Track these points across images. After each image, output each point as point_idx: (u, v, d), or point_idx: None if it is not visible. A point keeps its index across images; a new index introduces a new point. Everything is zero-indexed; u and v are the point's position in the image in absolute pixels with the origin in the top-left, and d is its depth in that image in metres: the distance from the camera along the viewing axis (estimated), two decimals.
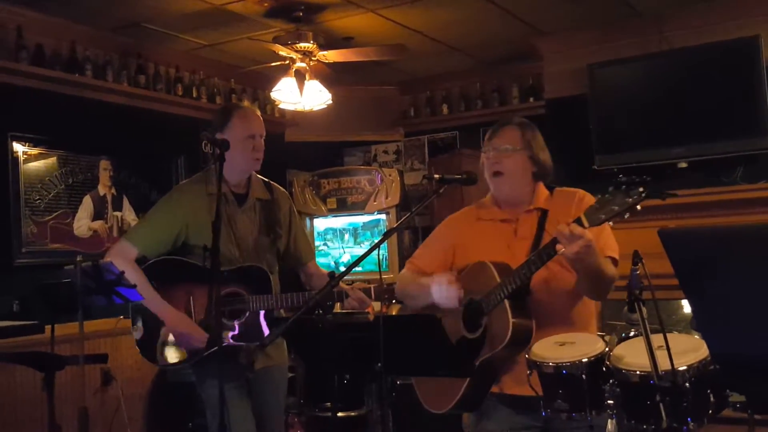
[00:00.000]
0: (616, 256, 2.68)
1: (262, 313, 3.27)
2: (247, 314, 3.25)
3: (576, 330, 2.68)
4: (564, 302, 2.71)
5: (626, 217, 2.28)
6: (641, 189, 2.23)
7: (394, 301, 3.17)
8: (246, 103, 3.47)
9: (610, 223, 2.35)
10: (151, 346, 3.34)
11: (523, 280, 2.55)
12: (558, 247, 2.38)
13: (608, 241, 2.67)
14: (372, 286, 3.22)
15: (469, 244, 2.87)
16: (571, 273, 2.61)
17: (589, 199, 2.76)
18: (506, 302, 2.57)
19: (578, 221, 2.35)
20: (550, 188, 2.88)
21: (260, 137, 3.33)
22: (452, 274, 2.77)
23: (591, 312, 2.81)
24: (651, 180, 2.25)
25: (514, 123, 2.85)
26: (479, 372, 2.64)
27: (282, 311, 3.43)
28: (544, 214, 2.77)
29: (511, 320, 2.54)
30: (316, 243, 7.01)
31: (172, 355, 3.32)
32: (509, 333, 2.53)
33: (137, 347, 3.36)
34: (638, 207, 2.25)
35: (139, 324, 3.36)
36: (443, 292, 2.71)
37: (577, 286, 2.65)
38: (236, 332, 3.23)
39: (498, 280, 2.60)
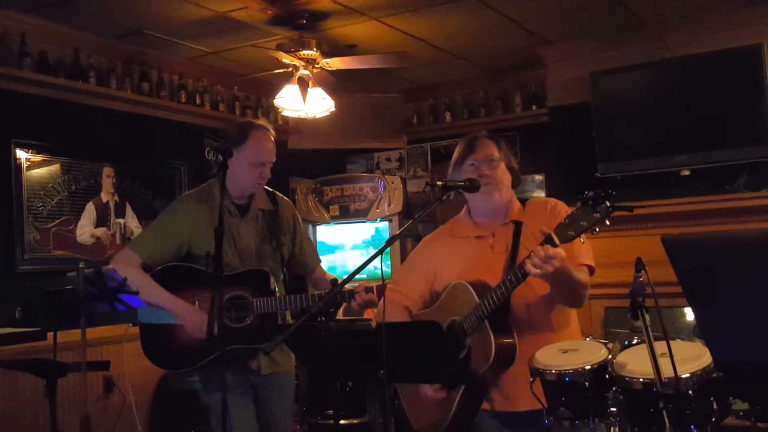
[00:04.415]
0: (591, 263, 2.69)
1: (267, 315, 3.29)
2: (252, 317, 3.26)
3: (558, 335, 2.69)
4: (543, 310, 2.70)
5: (597, 231, 2.29)
6: (607, 204, 2.23)
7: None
8: (263, 120, 3.48)
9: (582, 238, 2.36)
10: (159, 350, 3.34)
11: (501, 299, 2.54)
12: (528, 268, 2.38)
13: (582, 249, 2.67)
14: (375, 285, 3.21)
15: (447, 264, 2.86)
16: (546, 283, 2.62)
17: (561, 207, 2.78)
18: (488, 326, 2.56)
19: (549, 240, 2.36)
20: (523, 201, 2.89)
21: (269, 164, 3.37)
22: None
23: (570, 315, 2.81)
24: (616, 193, 2.26)
25: (485, 136, 2.86)
26: (468, 392, 2.64)
27: (289, 317, 3.45)
28: (518, 226, 2.77)
29: (493, 341, 2.54)
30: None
31: (178, 360, 3.34)
32: (493, 354, 2.53)
33: (144, 352, 3.37)
34: (606, 222, 2.25)
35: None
36: None
37: (552, 296, 2.66)
38: (242, 335, 3.23)
39: (477, 300, 2.60)
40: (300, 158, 7.21)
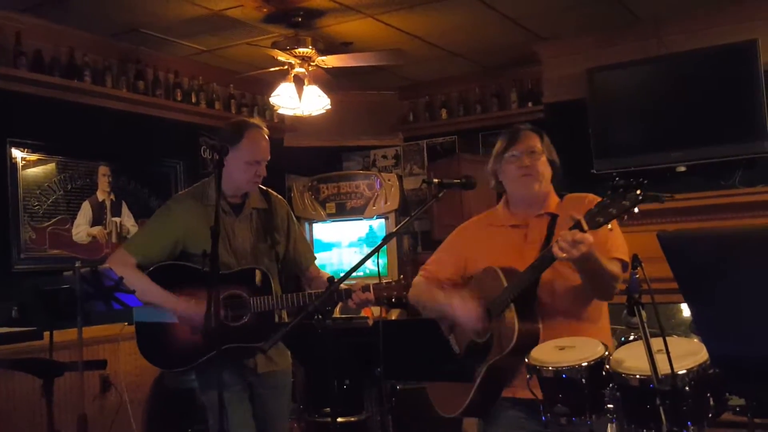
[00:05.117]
0: (625, 258, 2.68)
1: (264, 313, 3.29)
2: (249, 315, 3.26)
3: (587, 327, 2.68)
4: (571, 301, 2.71)
5: (625, 218, 2.30)
6: (638, 192, 2.24)
7: (395, 299, 3.17)
8: (256, 119, 3.49)
9: (609, 225, 2.36)
10: (155, 349, 3.34)
11: (527, 283, 2.56)
12: (555, 251, 2.39)
13: (616, 243, 2.69)
14: (372, 284, 3.21)
15: (480, 251, 2.88)
16: (577, 273, 2.63)
17: None
18: (513, 306, 2.58)
19: (578, 225, 2.36)
20: (560, 195, 2.92)
21: (264, 162, 3.37)
22: (472, 298, 2.76)
23: (601, 309, 2.81)
24: (647, 182, 2.27)
25: (529, 128, 2.90)
26: (488, 376, 2.64)
27: (285, 316, 3.45)
28: (553, 219, 2.79)
29: (517, 325, 2.55)
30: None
31: (174, 359, 3.34)
32: (515, 338, 2.54)
33: (140, 352, 3.36)
34: (635, 209, 2.26)
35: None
36: (466, 316, 2.72)
37: (582, 286, 2.66)
38: (238, 333, 3.23)
39: (505, 284, 2.62)
40: (296, 156, 7.20)
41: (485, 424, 2.84)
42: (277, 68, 5.52)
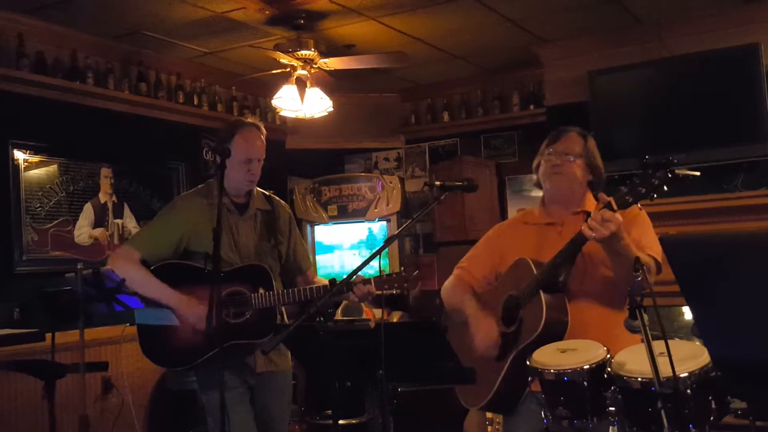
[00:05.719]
0: (657, 257, 2.67)
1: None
2: (250, 312, 3.27)
3: (619, 318, 2.67)
4: (601, 290, 2.71)
5: (654, 197, 2.32)
6: (667, 170, 2.27)
7: (396, 292, 3.17)
8: (252, 118, 3.50)
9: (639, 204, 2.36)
10: (157, 348, 3.35)
11: (555, 269, 2.57)
12: (584, 230, 2.42)
13: (651, 243, 2.70)
14: (373, 279, 3.20)
15: (514, 248, 2.90)
16: (608, 268, 2.63)
17: (637, 213, 2.77)
18: (542, 295, 2.59)
19: (608, 206, 2.40)
20: (598, 199, 2.91)
21: (258, 161, 3.38)
22: (492, 323, 2.77)
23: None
24: (676, 161, 2.28)
25: (575, 131, 2.92)
26: (514, 366, 2.64)
27: (285, 317, 3.45)
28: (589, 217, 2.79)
29: (544, 313, 2.56)
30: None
31: (176, 358, 3.35)
32: (541, 325, 2.55)
33: (142, 351, 3.36)
34: (665, 187, 2.27)
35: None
36: (483, 341, 2.74)
37: (613, 278, 2.65)
38: (240, 330, 3.24)
39: (535, 273, 2.64)
40: (298, 158, 7.22)
41: (508, 416, 2.83)
42: (279, 70, 5.52)
